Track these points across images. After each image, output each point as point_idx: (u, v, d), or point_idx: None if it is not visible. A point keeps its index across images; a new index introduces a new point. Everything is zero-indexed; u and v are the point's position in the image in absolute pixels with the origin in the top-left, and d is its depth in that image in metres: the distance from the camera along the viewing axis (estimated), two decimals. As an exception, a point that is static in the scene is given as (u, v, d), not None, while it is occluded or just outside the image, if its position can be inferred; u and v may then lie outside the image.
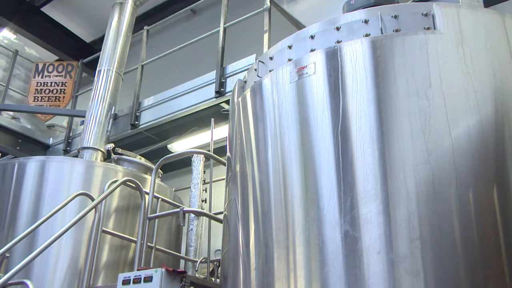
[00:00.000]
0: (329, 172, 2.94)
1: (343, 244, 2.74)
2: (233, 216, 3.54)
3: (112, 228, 5.19)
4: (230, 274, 3.39)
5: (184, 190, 6.76)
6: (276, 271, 2.96)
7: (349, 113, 3.03)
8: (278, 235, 3.04)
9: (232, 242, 3.47)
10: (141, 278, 4.14)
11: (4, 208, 5.34)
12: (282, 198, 3.12)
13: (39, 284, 4.73)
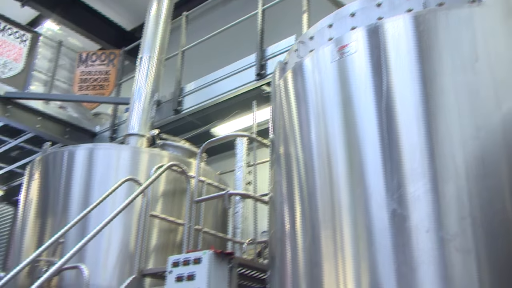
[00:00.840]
0: (374, 150, 2.91)
1: (390, 223, 2.72)
2: (279, 197, 3.56)
3: (160, 212, 5.30)
4: (277, 255, 3.42)
5: (228, 173, 6.82)
6: (323, 251, 2.97)
7: (393, 90, 2.99)
8: (324, 215, 3.05)
9: (279, 223, 3.50)
10: (191, 260, 4.22)
11: (56, 195, 5.52)
12: (327, 178, 3.12)
13: (92, 268, 4.88)
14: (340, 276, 2.84)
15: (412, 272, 2.56)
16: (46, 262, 5.00)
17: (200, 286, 4.07)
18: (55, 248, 5.01)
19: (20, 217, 5.96)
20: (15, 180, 11.26)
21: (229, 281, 4.28)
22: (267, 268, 3.89)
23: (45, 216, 5.56)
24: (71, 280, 4.99)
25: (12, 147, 9.73)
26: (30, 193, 5.90)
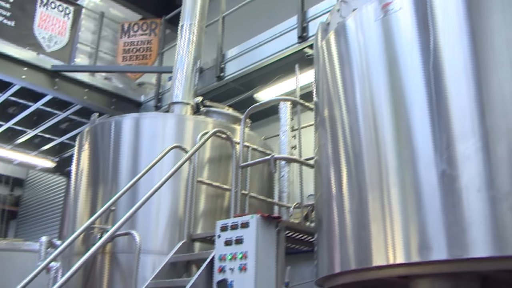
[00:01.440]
0: (422, 110, 2.85)
1: (440, 184, 2.67)
2: (324, 160, 3.54)
3: (206, 178, 5.37)
4: (324, 218, 3.43)
5: (273, 138, 6.83)
6: (371, 213, 2.96)
7: (441, 47, 2.89)
8: (371, 177, 3.02)
9: (325, 186, 3.49)
10: (238, 224, 4.28)
11: (106, 164, 5.66)
12: (373, 140, 3.08)
13: (143, 234, 5.01)
14: (388, 238, 2.82)
15: (463, 232, 2.52)
16: (100, 229, 5.17)
17: (248, 250, 4.13)
18: (107, 216, 5.17)
19: (73, 187, 6.16)
20: (66, 151, 11.61)
21: (277, 244, 4.33)
22: (314, 231, 3.90)
23: (96, 185, 5.72)
24: (124, 246, 5.15)
25: (61, 119, 10.00)
26: (81, 163, 6.07)
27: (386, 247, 2.81)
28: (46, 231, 12.26)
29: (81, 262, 3.88)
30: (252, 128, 6.78)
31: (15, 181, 14.95)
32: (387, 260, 2.79)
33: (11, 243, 8.24)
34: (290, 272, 4.28)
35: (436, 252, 2.60)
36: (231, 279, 4.16)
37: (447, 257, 2.56)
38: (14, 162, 12.30)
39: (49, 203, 13.66)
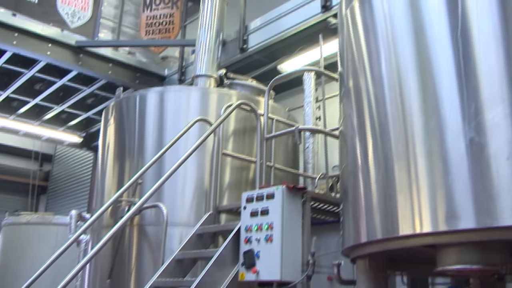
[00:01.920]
0: (449, 78, 2.79)
1: (468, 152, 2.63)
2: (349, 131, 3.52)
3: (231, 150, 5.39)
4: (350, 188, 3.42)
5: (297, 110, 6.79)
6: (397, 183, 2.94)
7: (469, 13, 2.82)
8: (397, 147, 2.99)
9: (350, 156, 3.47)
10: (264, 196, 4.30)
11: (132, 138, 5.71)
12: (400, 109, 3.04)
13: (170, 206, 5.08)
14: (415, 207, 2.80)
15: (491, 200, 2.49)
16: (127, 202, 5.25)
17: (274, 221, 4.16)
18: (135, 189, 5.24)
19: (100, 162, 6.24)
20: (92, 126, 11.75)
21: (302, 214, 4.34)
22: (339, 201, 3.90)
23: (123, 159, 5.79)
24: (151, 218, 5.22)
25: (87, 94, 10.10)
26: (107, 138, 6.14)
27: (412, 216, 2.80)
28: (76, 205, 12.51)
29: (110, 235, 3.95)
30: (276, 100, 6.76)
31: (44, 156, 15.23)
32: (413, 230, 2.78)
33: (42, 217, 8.44)
34: (316, 243, 4.28)
35: (464, 221, 2.58)
36: (257, 250, 4.20)
37: (475, 226, 2.54)
38: (42, 138, 12.51)
39: (78, 178, 13.91)
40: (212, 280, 4.13)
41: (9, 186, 14.77)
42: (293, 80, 6.79)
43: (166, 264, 4.50)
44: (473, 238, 2.62)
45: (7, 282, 7.85)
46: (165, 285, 4.43)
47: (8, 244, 8.36)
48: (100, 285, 5.42)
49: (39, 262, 3.87)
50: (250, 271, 4.18)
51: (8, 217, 8.61)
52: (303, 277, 4.15)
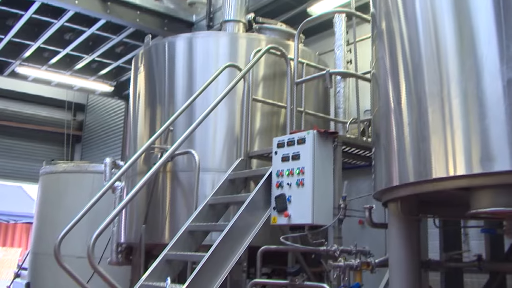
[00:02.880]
0: (487, 16, 2.69)
1: (505, 93, 2.56)
2: (382, 73, 3.44)
3: (261, 96, 5.36)
4: (382, 132, 3.38)
5: (328, 53, 6.68)
6: (431, 125, 2.88)
7: None
8: (431, 89, 2.92)
9: (383, 100, 3.42)
10: (295, 141, 4.30)
11: (162, 85, 5.73)
12: (434, 49, 2.95)
13: (202, 153, 5.13)
14: (449, 150, 2.76)
15: (528, 142, 2.43)
16: (159, 149, 5.32)
17: (305, 165, 4.17)
18: (166, 136, 5.29)
19: (132, 110, 6.30)
20: (123, 75, 11.82)
21: (334, 159, 4.34)
22: (371, 145, 3.87)
23: (154, 107, 5.83)
24: (184, 164, 5.29)
25: (116, 43, 10.10)
26: (138, 86, 6.16)
27: (446, 159, 2.76)
28: (109, 153, 12.75)
29: (144, 181, 4.02)
30: (306, 44, 6.64)
31: (77, 106, 15.46)
32: (447, 172, 2.75)
33: (77, 165, 8.62)
34: (347, 187, 4.29)
35: (499, 163, 2.53)
36: (288, 194, 4.24)
37: (511, 168, 2.49)
38: (74, 88, 12.67)
39: (110, 126, 14.12)
40: (245, 224, 4.20)
41: (45, 136, 15.12)
42: (323, 23, 6.64)
43: (200, 209, 4.58)
44: (508, 181, 2.59)
45: (46, 230, 8.14)
46: (199, 229, 4.54)
47: (46, 193, 8.61)
48: (136, 230, 5.58)
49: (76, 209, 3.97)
50: (281, 215, 4.23)
51: (45, 166, 8.83)
52: (334, 220, 4.19)
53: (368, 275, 3.99)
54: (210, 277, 3.87)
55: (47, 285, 7.74)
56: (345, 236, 4.29)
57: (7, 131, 14.50)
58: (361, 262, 3.80)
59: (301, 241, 4.45)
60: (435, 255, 4.83)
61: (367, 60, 4.91)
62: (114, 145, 13.67)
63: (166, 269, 4.24)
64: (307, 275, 4.56)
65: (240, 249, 4.12)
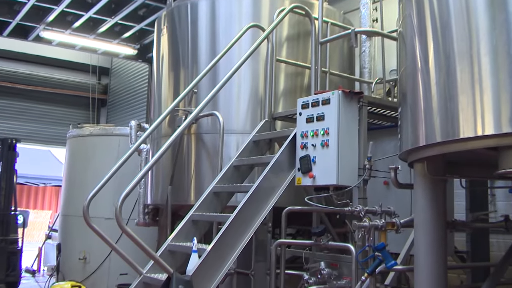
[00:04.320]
0: (520, -33, 2.58)
1: (538, 50, 2.48)
2: (409, 32, 3.36)
3: (285, 56, 5.30)
4: (409, 91, 3.32)
5: (353, 12, 6.55)
6: (459, 84, 2.82)
7: None
8: (460, 47, 2.85)
9: (409, 59, 3.35)
10: (319, 101, 4.26)
11: (185, 47, 5.69)
12: (463, 5, 2.87)
13: (226, 114, 5.12)
14: (477, 109, 2.71)
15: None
16: (184, 111, 5.33)
17: (330, 126, 4.14)
18: (190, 98, 5.30)
19: (155, 72, 6.30)
20: (146, 38, 11.80)
21: (359, 120, 4.30)
22: (397, 105, 3.82)
23: (178, 69, 5.82)
24: (208, 126, 5.30)
25: (138, 5, 10.05)
26: (161, 48, 6.14)
27: (474, 118, 2.71)
28: (134, 116, 12.86)
29: (169, 143, 4.04)
30: (330, 3, 6.49)
31: (102, 70, 15.55)
32: (475, 132, 2.70)
33: (103, 128, 8.72)
34: (373, 147, 4.26)
35: (530, 122, 2.47)
36: (313, 155, 4.23)
37: (541, 127, 2.44)
38: (98, 52, 12.71)
39: (135, 90, 14.19)
40: (269, 185, 4.22)
41: (71, 100, 15.28)
42: (348, -20, 6.49)
43: (224, 171, 4.61)
44: (538, 140, 2.53)
45: (74, 192, 8.30)
46: (224, 190, 4.57)
47: (74, 156, 8.75)
48: (162, 192, 5.65)
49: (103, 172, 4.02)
50: (306, 176, 4.24)
51: (72, 130, 8.95)
52: (359, 181, 4.18)
53: (393, 236, 3.99)
54: (235, 237, 3.93)
55: (77, 246, 7.95)
56: (369, 197, 4.28)
57: (34, 96, 14.69)
58: (386, 223, 3.79)
59: (326, 202, 4.46)
60: (461, 215, 4.81)
61: (393, 18, 4.80)
62: (138, 108, 13.76)
63: (192, 230, 4.31)
64: (332, 235, 4.59)
65: (265, 209, 4.15)
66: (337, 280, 4.17)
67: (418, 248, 3.32)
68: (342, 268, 4.19)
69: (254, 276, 4.70)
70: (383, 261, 3.51)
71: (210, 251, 3.75)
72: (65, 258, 8.20)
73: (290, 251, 4.81)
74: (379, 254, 3.53)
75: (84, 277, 7.65)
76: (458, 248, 5.13)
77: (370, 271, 3.51)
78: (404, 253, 4.13)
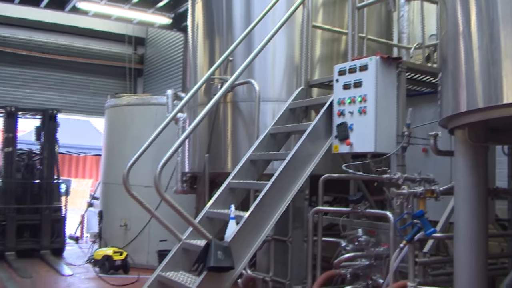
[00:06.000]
0: None
1: None
2: (450, -5, 3.26)
3: (321, 22, 5.22)
4: (450, 57, 3.23)
5: (390, -25, 6.35)
6: (503, 49, 2.73)
7: None
8: (504, 11, 2.75)
9: (451, 23, 3.25)
10: (357, 67, 4.19)
11: (220, 15, 5.66)
12: (509, -35, 2.74)
13: (261, 82, 5.10)
14: (523, 73, 2.62)
15: None
16: (219, 80, 5.33)
17: (367, 93, 4.08)
18: (226, 66, 5.29)
19: (191, 41, 6.29)
20: (180, 6, 11.77)
21: (397, 86, 4.22)
22: (437, 71, 3.73)
23: (213, 37, 5.80)
24: (244, 94, 5.30)
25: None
26: (196, 17, 6.13)
27: (519, 82, 2.62)
28: (171, 85, 12.93)
29: (205, 111, 4.06)
30: (367, -34, 6.34)
31: (137, 40, 15.64)
32: (519, 97, 2.62)
33: (141, 98, 8.81)
34: (411, 114, 4.19)
35: None
36: (350, 122, 4.19)
37: None
38: (133, 22, 12.76)
39: (171, 59, 14.25)
40: (306, 152, 4.21)
41: (108, 71, 15.47)
42: None
43: (261, 139, 4.62)
44: None
45: (114, 161, 8.46)
46: (261, 158, 4.59)
47: (112, 125, 8.89)
48: (199, 160, 5.71)
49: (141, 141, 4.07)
50: (343, 143, 4.21)
51: (110, 100, 9.07)
52: (397, 148, 4.13)
53: (432, 203, 3.95)
54: (272, 205, 3.95)
55: (118, 213, 8.14)
56: (408, 165, 4.23)
57: (73, 67, 14.92)
58: (425, 190, 3.75)
59: (363, 169, 4.43)
60: (503, 183, 4.71)
61: (433, -19, 4.65)
62: (174, 77, 13.84)
63: (229, 197, 4.35)
64: (369, 203, 4.57)
65: (302, 177, 4.15)
66: (375, 247, 4.17)
67: (459, 215, 3.28)
68: (380, 235, 4.19)
69: (291, 243, 4.74)
70: (422, 228, 3.48)
71: (248, 218, 3.79)
72: (107, 225, 8.43)
73: (327, 218, 4.82)
74: (418, 222, 3.49)
75: (125, 243, 7.86)
76: (499, 216, 5.04)
77: (409, 238, 3.49)
78: (443, 220, 4.08)
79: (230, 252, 3.57)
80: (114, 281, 6.68)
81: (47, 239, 8.49)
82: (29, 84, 14.38)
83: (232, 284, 3.69)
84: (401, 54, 5.46)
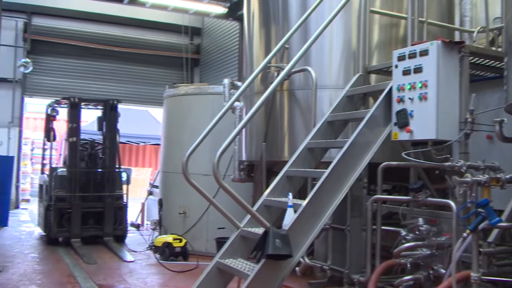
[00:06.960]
0: None
1: None
2: (517, -27, 3.11)
3: (379, 7, 5.11)
4: (516, 38, 3.10)
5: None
6: None
7: None
8: None
9: (517, 2, 3.11)
10: (417, 53, 4.08)
11: (275, 3, 5.65)
12: None
13: (318, 70, 5.06)
14: None
15: None
16: (276, 68, 5.32)
17: (428, 78, 3.97)
18: (282, 54, 5.26)
19: (246, 30, 6.30)
20: (236, -5, 11.80)
21: (460, 71, 4.08)
22: (503, 55, 3.58)
23: (268, 25, 5.78)
24: (300, 82, 5.27)
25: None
26: (251, 5, 6.12)
27: None
28: (227, 74, 13.02)
29: (262, 100, 4.05)
30: None
31: (193, 30, 15.82)
32: None
33: (198, 87, 8.90)
34: (475, 100, 4.04)
35: None
36: (410, 109, 4.09)
37: None
38: (190, 12, 12.90)
39: (227, 48, 14.33)
40: (365, 140, 4.14)
41: (165, 61, 15.73)
42: None
43: (318, 126, 4.58)
44: None
45: (173, 150, 8.60)
46: (318, 146, 4.55)
47: (171, 115, 9.02)
48: (256, 148, 5.73)
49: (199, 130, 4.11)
50: (403, 131, 4.12)
51: (168, 90, 9.20)
52: (460, 135, 4.00)
53: (497, 192, 3.81)
54: (330, 193, 3.91)
55: (177, 201, 8.29)
56: (471, 152, 4.09)
57: (131, 58, 15.26)
58: (490, 178, 3.62)
59: (424, 157, 4.32)
60: None
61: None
62: (231, 66, 13.92)
63: (287, 186, 4.34)
64: (430, 191, 4.46)
65: (360, 165, 4.09)
66: (436, 236, 4.07)
67: (525, 204, 3.16)
68: (442, 224, 4.09)
69: (349, 232, 4.70)
70: (487, 217, 3.37)
71: (306, 206, 3.77)
72: (166, 212, 8.60)
73: (386, 207, 4.74)
74: (482, 211, 3.38)
75: (184, 230, 8.00)
76: None
77: (473, 227, 3.38)
78: (509, 209, 3.93)
79: (288, 240, 3.57)
80: (174, 267, 6.81)
81: (110, 226, 8.73)
82: (90, 76, 14.83)
83: (290, 272, 3.69)
84: (463, 38, 5.27)
